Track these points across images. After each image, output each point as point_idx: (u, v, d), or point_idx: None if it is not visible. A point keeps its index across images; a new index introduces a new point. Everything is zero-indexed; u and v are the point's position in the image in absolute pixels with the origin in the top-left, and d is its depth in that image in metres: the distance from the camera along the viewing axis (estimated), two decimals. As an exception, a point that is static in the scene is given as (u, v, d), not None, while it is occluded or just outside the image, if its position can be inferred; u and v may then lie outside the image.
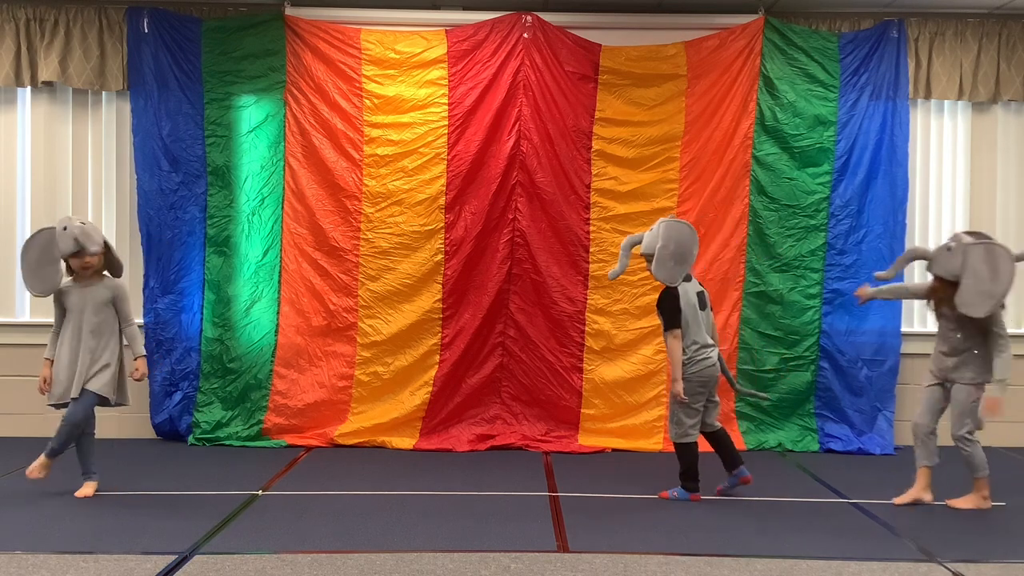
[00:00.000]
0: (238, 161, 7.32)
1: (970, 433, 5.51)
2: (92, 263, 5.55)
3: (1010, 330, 7.40)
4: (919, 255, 5.68)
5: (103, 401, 5.59)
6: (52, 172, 7.51)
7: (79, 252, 5.48)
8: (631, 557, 4.43)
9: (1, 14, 7.27)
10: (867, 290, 5.94)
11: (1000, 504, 5.61)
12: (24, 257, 5.58)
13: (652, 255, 5.55)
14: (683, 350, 5.55)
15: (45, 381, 5.59)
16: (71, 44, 7.29)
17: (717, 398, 5.75)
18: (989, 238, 5.48)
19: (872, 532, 5.03)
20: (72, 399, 5.51)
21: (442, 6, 7.38)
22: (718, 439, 5.74)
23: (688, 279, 5.69)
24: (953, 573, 4.31)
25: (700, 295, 5.71)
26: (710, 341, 5.66)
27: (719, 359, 5.71)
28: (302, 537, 4.75)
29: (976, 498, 5.57)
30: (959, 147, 7.63)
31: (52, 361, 5.60)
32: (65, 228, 5.47)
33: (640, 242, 5.70)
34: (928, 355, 7.39)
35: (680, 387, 5.50)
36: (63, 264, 5.57)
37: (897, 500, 5.61)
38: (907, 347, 7.36)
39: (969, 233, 5.53)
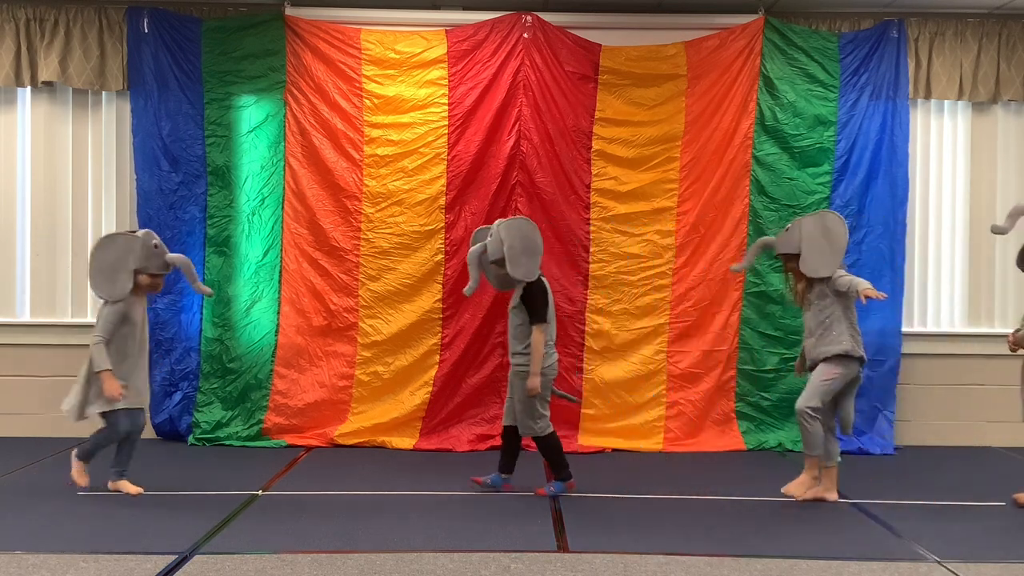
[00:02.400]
0: (238, 161, 7.32)
1: (813, 409, 5.54)
2: (161, 284, 5.79)
3: (985, 329, 7.49)
4: (768, 244, 5.88)
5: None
6: (52, 172, 7.51)
7: (160, 274, 5.64)
8: (631, 557, 4.43)
9: (1, 14, 7.27)
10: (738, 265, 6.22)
11: (1000, 504, 5.61)
12: (98, 257, 5.56)
13: (502, 259, 5.59)
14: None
15: (124, 388, 5.46)
16: (71, 44, 7.29)
17: None
18: (822, 210, 5.81)
19: (872, 532, 5.03)
20: (137, 408, 5.61)
21: (442, 6, 7.38)
22: (514, 440, 5.79)
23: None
24: (953, 573, 4.31)
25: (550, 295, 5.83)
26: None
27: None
28: (302, 537, 4.74)
29: (806, 478, 5.63)
30: (959, 147, 7.63)
31: (111, 372, 5.44)
32: (156, 246, 5.58)
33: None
34: (928, 355, 7.50)
35: (538, 381, 5.55)
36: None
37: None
38: (907, 347, 7.36)
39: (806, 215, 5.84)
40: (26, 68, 7.30)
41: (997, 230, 5.70)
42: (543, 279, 5.73)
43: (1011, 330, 5.80)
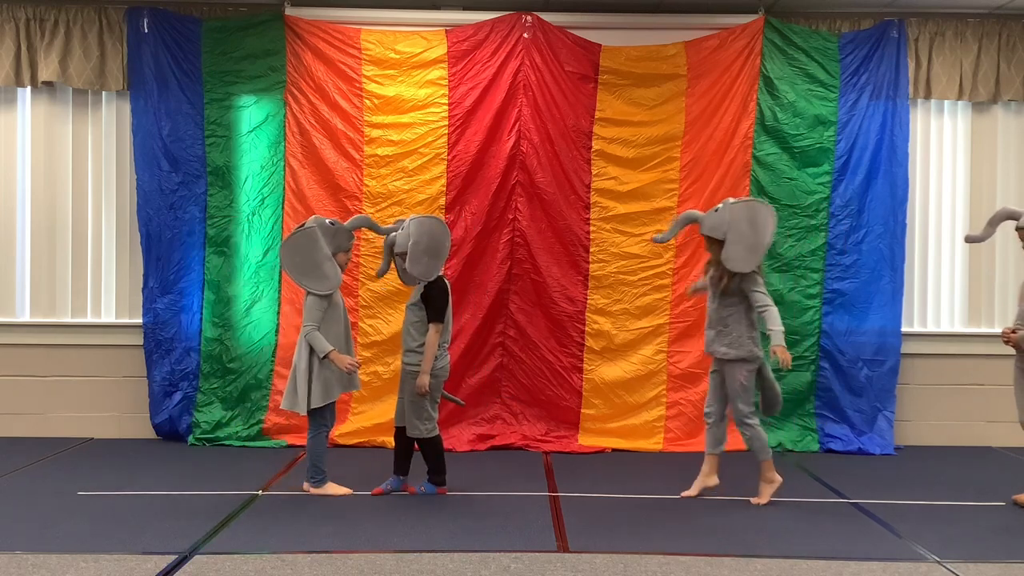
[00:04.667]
0: (238, 161, 7.32)
1: (747, 417, 5.55)
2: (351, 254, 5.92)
3: (985, 329, 7.49)
4: (691, 219, 5.71)
5: None
6: (52, 172, 7.50)
7: (351, 244, 5.73)
8: (631, 557, 4.43)
9: (1, 14, 7.27)
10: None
11: (1000, 504, 5.61)
12: (290, 263, 5.56)
13: (405, 253, 5.56)
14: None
15: (354, 365, 5.59)
16: (71, 44, 7.29)
17: None
18: (754, 199, 5.66)
19: (872, 532, 5.03)
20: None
21: (442, 6, 7.38)
22: (405, 441, 5.77)
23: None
24: (953, 573, 4.31)
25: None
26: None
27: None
28: (302, 537, 4.75)
29: (764, 485, 5.61)
30: (959, 147, 7.63)
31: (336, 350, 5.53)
32: (332, 223, 5.63)
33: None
34: (928, 355, 7.49)
35: (427, 380, 5.54)
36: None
37: (684, 493, 5.66)
38: (907, 347, 7.36)
39: (736, 198, 5.72)
40: (26, 68, 7.30)
41: (972, 239, 5.66)
42: (444, 280, 5.71)
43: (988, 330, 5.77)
